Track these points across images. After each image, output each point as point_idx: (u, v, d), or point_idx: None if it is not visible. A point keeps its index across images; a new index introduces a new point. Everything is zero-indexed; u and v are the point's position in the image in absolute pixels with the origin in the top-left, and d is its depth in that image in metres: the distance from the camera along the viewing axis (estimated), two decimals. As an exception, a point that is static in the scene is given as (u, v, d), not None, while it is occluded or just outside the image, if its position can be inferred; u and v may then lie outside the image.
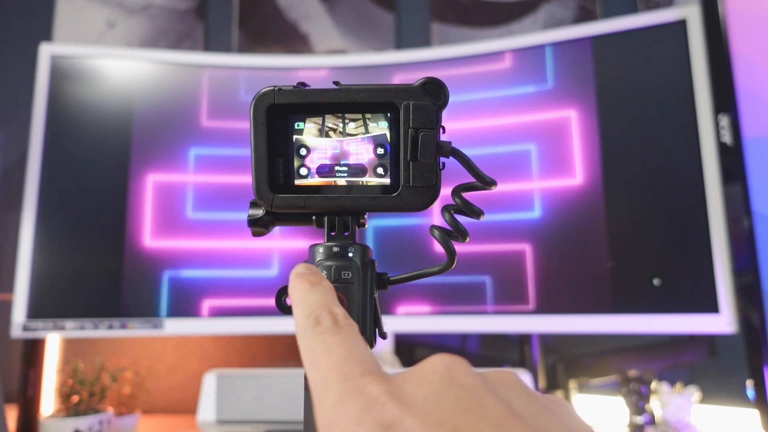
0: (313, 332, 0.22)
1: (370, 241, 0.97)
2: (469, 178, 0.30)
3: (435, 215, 0.94)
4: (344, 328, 0.21)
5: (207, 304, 0.95)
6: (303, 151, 0.30)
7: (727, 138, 0.82)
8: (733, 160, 0.81)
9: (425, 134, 0.29)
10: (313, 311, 0.23)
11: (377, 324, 0.30)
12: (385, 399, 0.18)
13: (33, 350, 0.98)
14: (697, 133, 0.85)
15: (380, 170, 0.30)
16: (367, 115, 0.30)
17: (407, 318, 0.94)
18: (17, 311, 0.91)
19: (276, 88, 0.30)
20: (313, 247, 0.30)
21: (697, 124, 0.85)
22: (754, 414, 0.79)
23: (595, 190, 0.89)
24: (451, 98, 0.29)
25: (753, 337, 0.78)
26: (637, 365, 1.00)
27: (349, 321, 0.22)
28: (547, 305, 0.89)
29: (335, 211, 0.31)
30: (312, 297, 0.24)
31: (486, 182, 0.30)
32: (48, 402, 1.03)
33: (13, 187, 1.14)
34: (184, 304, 0.94)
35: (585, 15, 1.25)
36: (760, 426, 0.76)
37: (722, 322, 0.81)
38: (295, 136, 0.30)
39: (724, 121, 0.82)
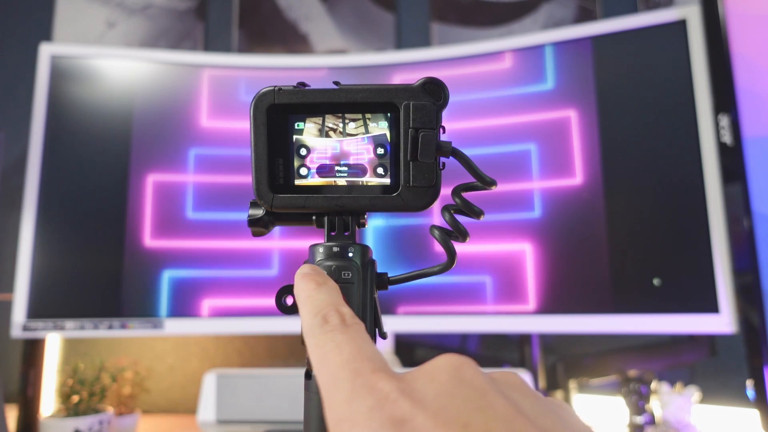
0: (321, 330, 0.22)
1: (370, 241, 0.97)
2: (469, 178, 0.30)
3: (435, 215, 0.94)
4: (352, 327, 0.22)
5: (207, 304, 0.95)
6: (303, 151, 0.30)
7: (727, 138, 0.82)
8: (733, 160, 0.81)
9: (425, 134, 0.28)
10: (321, 310, 0.23)
11: (377, 324, 0.30)
12: (396, 396, 0.18)
13: (33, 350, 0.98)
14: (697, 133, 0.85)
15: (380, 170, 0.30)
16: (367, 115, 0.30)
17: (407, 318, 0.94)
18: (17, 311, 0.91)
19: (276, 88, 0.30)
20: (313, 247, 0.30)
21: (697, 124, 0.85)
22: (754, 414, 0.79)
23: (595, 190, 0.89)
24: (451, 98, 0.29)
25: (753, 337, 0.78)
26: (637, 365, 1.00)
27: (356, 320, 0.23)
28: (547, 305, 0.89)
29: (335, 211, 0.31)
30: (319, 296, 0.24)
31: (486, 182, 0.30)
32: (48, 402, 1.03)
33: (13, 187, 1.14)
34: (184, 304, 0.94)
35: (585, 15, 1.25)
36: (760, 426, 0.76)
37: (722, 322, 0.81)
38: (295, 136, 0.30)
39: (724, 121, 0.82)
